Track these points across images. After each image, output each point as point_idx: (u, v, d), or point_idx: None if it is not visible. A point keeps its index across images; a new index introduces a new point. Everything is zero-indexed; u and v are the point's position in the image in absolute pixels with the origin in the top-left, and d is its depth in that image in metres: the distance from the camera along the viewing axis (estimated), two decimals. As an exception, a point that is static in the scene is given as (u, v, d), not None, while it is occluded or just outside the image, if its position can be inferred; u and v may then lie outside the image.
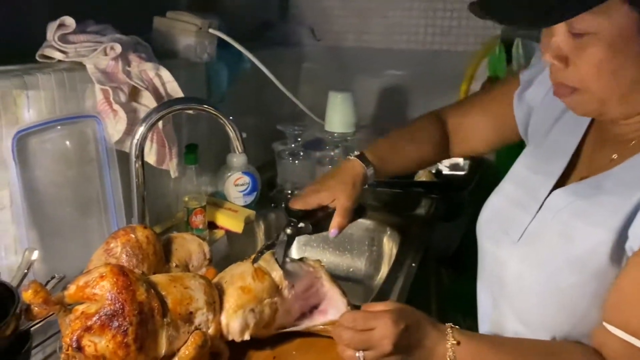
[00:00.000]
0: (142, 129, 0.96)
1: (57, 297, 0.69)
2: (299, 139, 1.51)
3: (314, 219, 0.92)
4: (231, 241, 1.26)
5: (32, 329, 0.75)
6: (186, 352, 0.72)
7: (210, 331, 0.75)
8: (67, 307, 0.70)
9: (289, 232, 0.90)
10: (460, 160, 1.61)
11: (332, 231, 0.93)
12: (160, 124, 1.03)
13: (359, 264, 1.39)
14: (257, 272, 0.81)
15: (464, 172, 1.55)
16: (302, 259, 0.91)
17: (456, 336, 0.72)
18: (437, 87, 1.71)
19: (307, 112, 1.58)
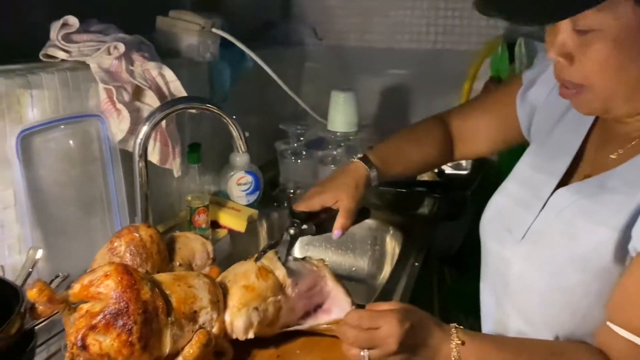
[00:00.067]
0: (146, 128, 0.96)
1: (61, 295, 0.69)
2: (302, 138, 1.50)
3: (317, 221, 0.93)
4: (234, 240, 1.26)
5: (36, 328, 0.75)
6: (190, 350, 0.72)
7: (214, 330, 0.75)
8: (71, 306, 0.70)
9: (292, 232, 0.90)
10: (463, 159, 1.61)
11: (336, 232, 0.93)
12: (163, 123, 1.03)
13: (361, 263, 1.39)
14: (260, 270, 0.81)
15: (467, 172, 1.55)
16: (305, 258, 0.92)
17: (460, 336, 0.72)
18: (439, 86, 1.71)
19: (309, 112, 1.58)
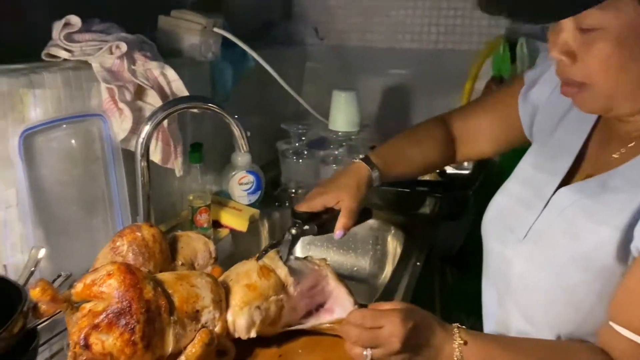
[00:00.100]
0: (148, 127, 0.96)
1: (64, 295, 0.69)
2: (303, 138, 1.50)
3: (319, 221, 0.93)
4: (236, 240, 1.26)
5: (38, 327, 0.75)
6: (193, 350, 0.72)
7: (216, 329, 0.75)
8: (74, 305, 0.70)
9: (293, 232, 0.90)
10: (464, 159, 1.61)
11: (338, 232, 0.93)
12: (165, 122, 1.03)
13: (363, 263, 1.39)
14: (262, 269, 0.81)
15: (468, 172, 1.55)
16: (307, 258, 0.92)
17: (463, 336, 0.72)
18: (440, 86, 1.71)
19: (311, 111, 1.57)
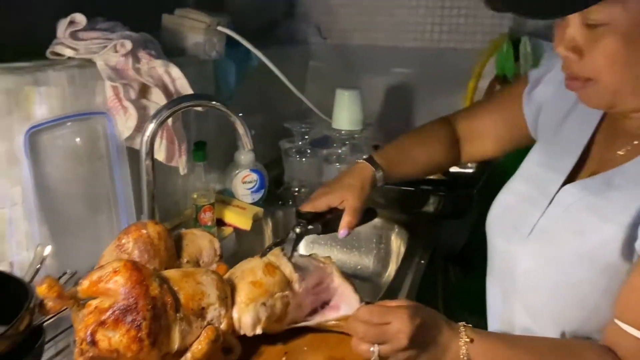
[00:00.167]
0: (152, 125, 0.96)
1: (70, 291, 0.69)
2: (306, 137, 1.50)
3: (323, 221, 0.93)
4: (239, 238, 1.26)
5: (44, 324, 0.75)
6: (199, 347, 0.72)
7: (222, 326, 0.75)
8: (80, 302, 0.70)
9: (298, 231, 0.90)
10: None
11: (342, 232, 0.93)
12: (169, 121, 1.03)
13: (366, 261, 1.39)
14: (267, 266, 0.81)
15: (472, 170, 1.55)
16: (312, 255, 0.92)
17: (469, 334, 0.72)
18: (444, 85, 1.71)
19: (314, 110, 1.57)
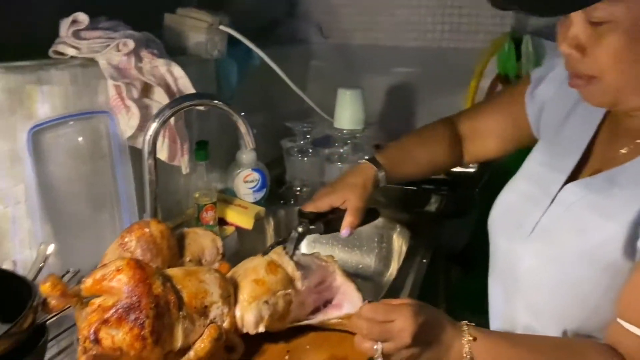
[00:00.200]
0: (155, 125, 0.96)
1: (73, 290, 0.69)
2: (308, 136, 1.50)
3: (325, 220, 0.93)
4: (241, 237, 1.26)
5: (47, 323, 0.75)
6: (202, 345, 0.72)
7: (225, 325, 0.75)
8: (83, 301, 0.70)
9: (300, 230, 0.91)
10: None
11: (344, 231, 0.94)
12: (172, 120, 1.03)
13: (368, 260, 1.39)
14: (270, 265, 0.81)
15: (474, 170, 1.55)
16: (314, 254, 0.92)
17: (472, 333, 0.72)
18: (445, 84, 1.71)
19: (315, 109, 1.57)
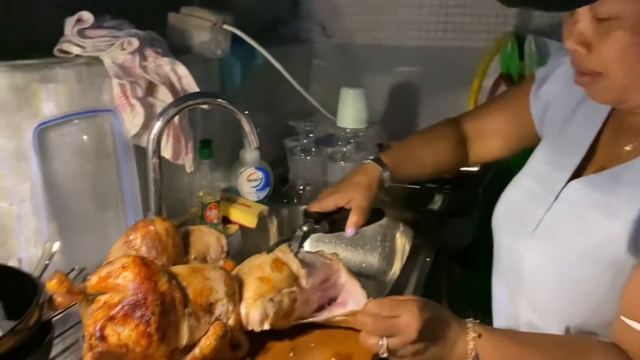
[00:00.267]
0: (159, 123, 0.97)
1: (79, 287, 0.70)
2: (311, 135, 1.50)
3: (330, 220, 0.93)
4: (245, 236, 1.26)
5: (53, 320, 0.75)
6: (207, 342, 0.72)
7: (230, 322, 0.75)
8: (89, 298, 0.70)
9: (305, 229, 0.91)
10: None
11: (349, 230, 0.94)
12: (176, 119, 1.03)
13: (371, 259, 1.39)
14: (275, 262, 0.82)
15: (477, 169, 1.55)
16: (319, 252, 0.92)
17: (477, 330, 0.73)
18: (448, 83, 1.71)
19: (318, 108, 1.57)
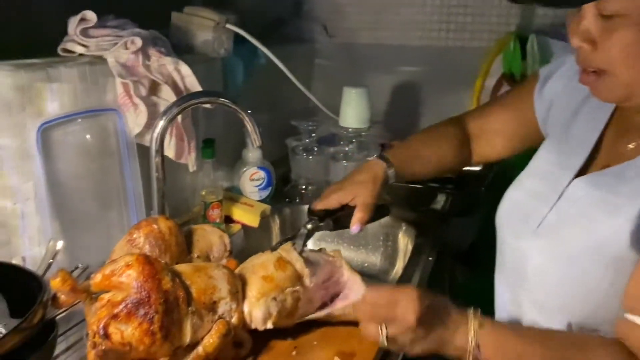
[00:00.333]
0: (162, 122, 0.97)
1: (83, 285, 0.70)
2: (313, 135, 1.50)
3: (334, 217, 0.93)
4: (247, 235, 1.26)
5: (57, 318, 0.75)
6: (210, 340, 0.72)
7: (233, 320, 0.75)
8: (93, 296, 0.70)
9: (309, 227, 0.91)
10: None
11: (354, 227, 0.93)
12: (179, 118, 1.03)
13: (373, 259, 1.39)
14: (279, 261, 0.82)
15: (480, 168, 1.55)
16: (321, 250, 0.92)
17: (478, 319, 0.72)
18: (451, 83, 1.71)
19: (321, 108, 1.58)
